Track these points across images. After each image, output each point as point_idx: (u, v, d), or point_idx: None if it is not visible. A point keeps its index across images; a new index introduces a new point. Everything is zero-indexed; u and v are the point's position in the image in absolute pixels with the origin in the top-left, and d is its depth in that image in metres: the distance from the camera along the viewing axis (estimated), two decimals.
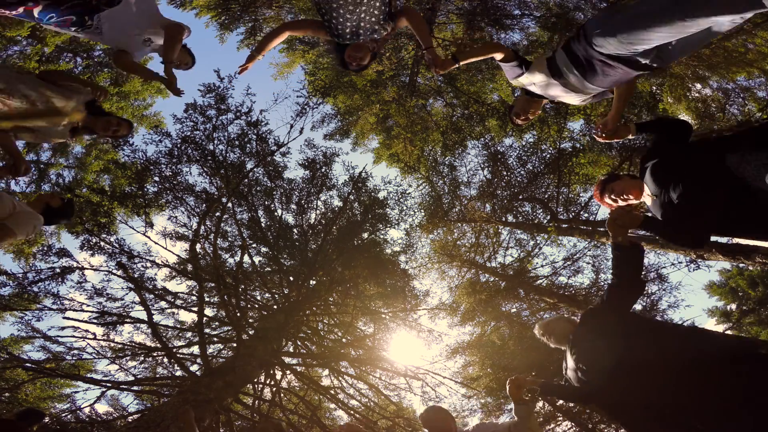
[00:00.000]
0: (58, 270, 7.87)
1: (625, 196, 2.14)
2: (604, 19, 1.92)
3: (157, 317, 8.51)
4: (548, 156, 8.91)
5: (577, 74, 2.10)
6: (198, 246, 8.63)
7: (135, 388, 7.12)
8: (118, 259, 8.21)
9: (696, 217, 1.83)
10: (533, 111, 2.52)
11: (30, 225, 2.22)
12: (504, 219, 9.69)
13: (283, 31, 2.33)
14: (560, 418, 8.65)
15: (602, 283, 9.22)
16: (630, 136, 2.35)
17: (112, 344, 7.95)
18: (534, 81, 2.32)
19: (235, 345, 7.43)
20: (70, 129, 2.41)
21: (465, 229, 10.70)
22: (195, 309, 7.77)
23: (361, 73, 2.34)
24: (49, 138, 2.45)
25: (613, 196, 2.16)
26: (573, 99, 2.35)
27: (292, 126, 9.56)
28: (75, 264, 8.04)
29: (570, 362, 2.03)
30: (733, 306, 12.30)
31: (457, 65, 2.22)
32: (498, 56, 2.27)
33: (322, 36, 2.31)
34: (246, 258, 9.22)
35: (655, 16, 1.66)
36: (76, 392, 8.20)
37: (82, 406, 7.43)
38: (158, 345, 7.55)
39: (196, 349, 8.59)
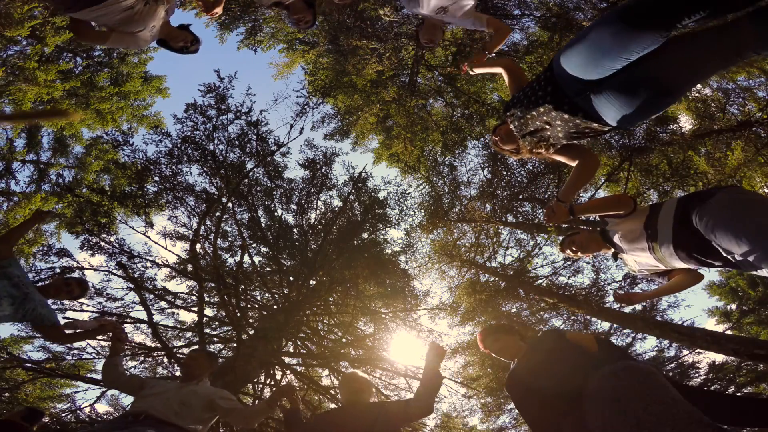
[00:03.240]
0: (58, 270, 7.87)
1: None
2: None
3: (157, 317, 8.52)
4: None
5: (670, 239, 1.79)
6: (198, 246, 8.62)
7: None
8: (118, 259, 8.21)
9: None
10: (590, 252, 2.30)
11: (124, 43, 2.38)
12: (504, 219, 9.68)
13: (504, 66, 2.17)
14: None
15: (602, 283, 9.22)
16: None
17: None
18: (621, 227, 2.07)
19: (235, 345, 7.43)
20: None
21: (465, 229, 10.69)
22: (195, 309, 7.78)
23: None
24: None
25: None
26: (641, 261, 2.07)
27: (292, 126, 9.55)
28: (75, 264, 8.04)
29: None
30: (733, 306, 12.29)
31: (571, 217, 2.07)
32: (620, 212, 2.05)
33: (512, 91, 2.10)
34: (246, 258, 9.22)
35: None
36: (76, 392, 8.20)
37: (82, 406, 7.44)
38: (158, 345, 7.54)
39: None
